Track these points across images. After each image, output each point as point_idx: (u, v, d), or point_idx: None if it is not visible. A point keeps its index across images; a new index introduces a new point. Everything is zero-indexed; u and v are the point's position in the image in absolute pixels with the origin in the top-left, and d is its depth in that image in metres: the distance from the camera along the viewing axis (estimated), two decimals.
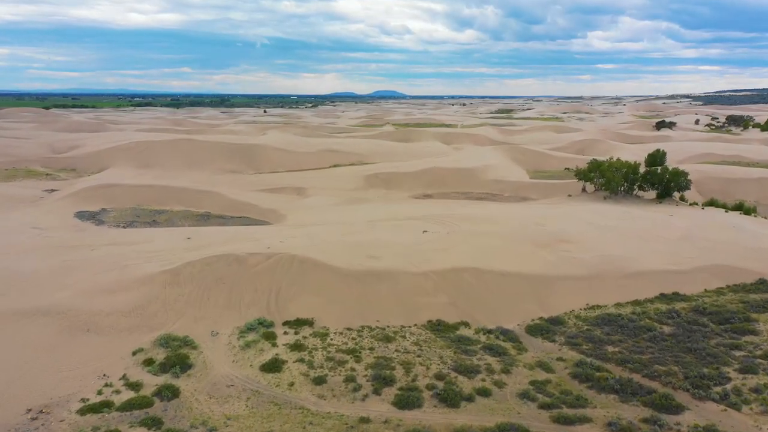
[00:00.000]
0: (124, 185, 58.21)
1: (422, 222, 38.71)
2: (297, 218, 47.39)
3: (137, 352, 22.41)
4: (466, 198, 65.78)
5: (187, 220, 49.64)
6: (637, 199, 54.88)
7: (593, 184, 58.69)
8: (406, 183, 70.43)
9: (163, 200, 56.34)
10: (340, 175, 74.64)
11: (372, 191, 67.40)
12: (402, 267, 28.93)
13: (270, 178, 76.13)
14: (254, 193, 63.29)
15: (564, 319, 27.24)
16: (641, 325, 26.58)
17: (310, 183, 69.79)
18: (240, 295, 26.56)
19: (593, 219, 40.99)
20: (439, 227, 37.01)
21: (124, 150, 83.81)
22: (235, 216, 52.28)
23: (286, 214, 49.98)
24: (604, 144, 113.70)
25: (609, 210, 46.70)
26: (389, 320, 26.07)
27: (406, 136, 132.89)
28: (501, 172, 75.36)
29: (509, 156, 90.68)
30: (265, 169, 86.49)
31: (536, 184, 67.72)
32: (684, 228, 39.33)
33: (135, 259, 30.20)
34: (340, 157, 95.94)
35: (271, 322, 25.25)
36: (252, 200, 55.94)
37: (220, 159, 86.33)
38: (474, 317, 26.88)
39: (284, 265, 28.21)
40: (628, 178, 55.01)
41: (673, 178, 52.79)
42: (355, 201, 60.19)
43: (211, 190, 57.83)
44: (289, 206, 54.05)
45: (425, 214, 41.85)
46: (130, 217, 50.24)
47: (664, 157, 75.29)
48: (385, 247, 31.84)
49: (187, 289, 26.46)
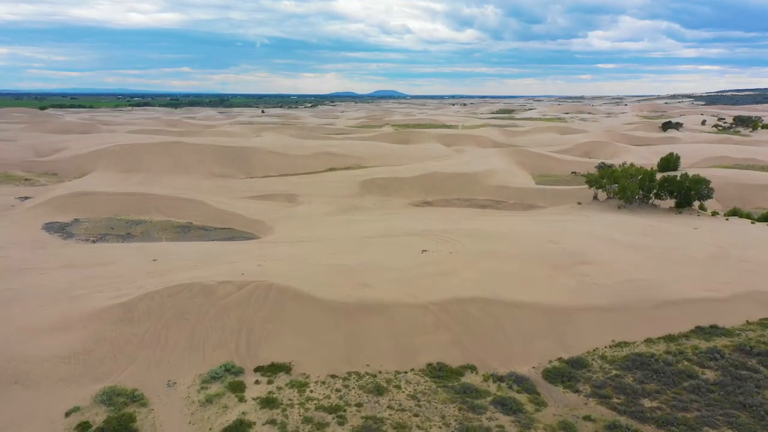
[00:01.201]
0: (101, 193, 54.06)
1: (421, 239, 34.58)
2: (284, 231, 43.27)
3: (72, 413, 18.30)
4: (468, 205, 61.75)
5: (165, 233, 45.50)
6: (653, 208, 50.76)
7: (605, 191, 54.60)
8: (405, 189, 66.39)
9: (142, 209, 52.26)
10: (335, 180, 70.58)
11: (368, 198, 63.34)
12: (398, 297, 24.82)
13: (261, 183, 72.12)
14: (242, 200, 59.23)
15: (587, 361, 23.14)
16: (679, 369, 22.47)
17: (303, 189, 65.74)
18: (205, 334, 22.44)
19: (612, 234, 36.87)
20: (440, 245, 32.89)
21: (109, 153, 79.72)
22: (218, 227, 48.14)
23: (273, 226, 45.86)
24: (611, 146, 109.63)
25: (626, 222, 42.57)
26: (382, 364, 21.97)
27: (406, 138, 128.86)
28: (505, 177, 71.27)
29: (513, 159, 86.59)
30: (257, 173, 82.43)
31: (543, 191, 63.66)
32: (714, 245, 35.21)
33: (87, 287, 26.10)
34: (336, 160, 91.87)
35: (241, 369, 21.16)
36: (238, 209, 51.83)
37: (210, 163, 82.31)
38: (482, 359, 22.79)
39: (259, 296, 24.09)
40: (644, 185, 50.90)
41: (694, 185, 48.66)
42: (349, 209, 56.14)
43: (195, 199, 53.69)
44: (278, 216, 49.95)
45: (425, 229, 37.70)
46: (104, 228, 46.10)
47: (677, 161, 71.33)
48: (378, 272, 27.72)
49: (142, 327, 22.34)
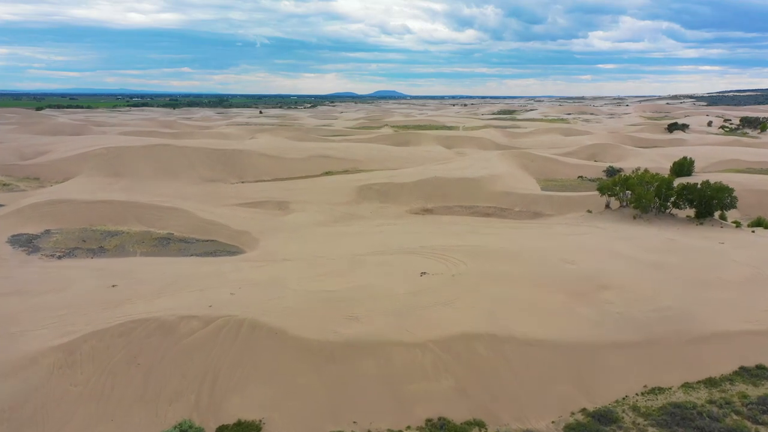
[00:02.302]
0: (77, 201, 50.38)
1: (420, 258, 30.90)
2: (270, 245, 39.56)
3: None
4: (470, 213, 58.11)
5: (141, 246, 41.80)
6: (671, 218, 47.07)
7: (618, 199, 50.92)
8: (404, 195, 62.69)
9: (120, 219, 48.60)
10: (330, 185, 66.93)
11: (364, 205, 59.68)
12: (392, 334, 21.16)
13: (252, 189, 68.46)
14: (230, 208, 55.55)
15: (616, 413, 19.49)
16: (729, 426, 18.80)
17: (296, 195, 62.06)
18: (160, 383, 18.78)
19: (631, 251, 33.17)
20: (440, 266, 29.21)
21: (94, 157, 76.04)
22: (200, 239, 44.45)
23: (259, 238, 42.17)
24: (618, 149, 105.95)
25: (645, 236, 38.88)
26: (372, 420, 18.32)
27: (405, 140, 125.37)
28: (509, 182, 67.56)
29: (517, 162, 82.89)
30: (249, 178, 78.84)
31: (550, 197, 59.96)
32: (748, 264, 31.52)
33: (31, 321, 22.48)
34: (332, 163, 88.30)
35: (200, 430, 17.57)
36: (224, 219, 48.15)
37: (200, 166, 78.69)
38: (491, 411, 19.13)
39: (228, 335, 20.44)
40: (661, 193, 47.23)
41: (716, 194, 44.98)
42: (343, 218, 52.49)
43: (178, 207, 49.99)
44: (266, 226, 46.27)
45: (424, 245, 33.99)
46: (75, 241, 42.41)
47: (691, 166, 67.71)
48: (370, 301, 24.03)
49: (85, 375, 18.71)
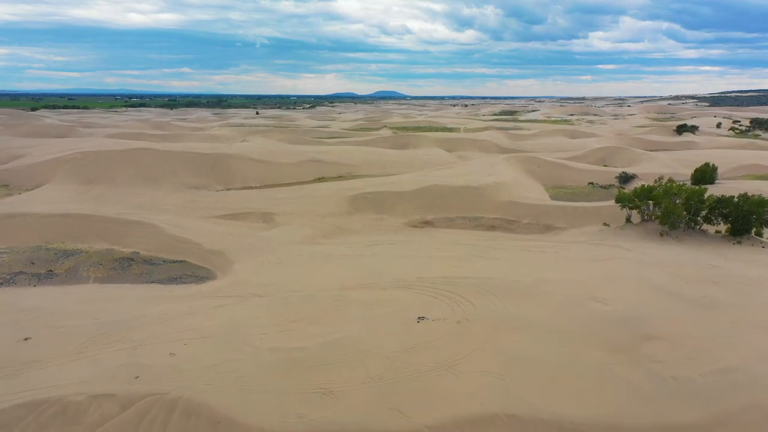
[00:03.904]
0: (33, 215, 44.94)
1: (417, 295, 25.45)
2: (243, 270, 34.10)
3: None
4: (474, 226, 52.66)
5: (97, 270, 36.34)
6: (702, 235, 41.63)
7: (640, 212, 45.54)
8: (401, 205, 57.21)
9: (81, 235, 43.18)
10: (321, 194, 61.47)
11: (357, 217, 54.26)
12: (376, 416, 15.73)
13: (236, 197, 63.02)
14: (208, 221, 50.13)
15: None
16: None
17: (282, 206, 56.64)
18: None
19: (670, 283, 27.71)
20: (442, 306, 23.79)
21: (68, 162, 70.64)
22: (168, 260, 38.97)
23: (233, 261, 36.70)
24: (628, 152, 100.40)
25: (680, 260, 33.43)
26: None
27: (404, 142, 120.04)
28: (516, 191, 62.11)
29: (523, 168, 77.42)
30: (236, 184, 73.45)
31: (562, 209, 54.49)
32: None
33: None
34: (326, 168, 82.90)
35: None
36: (197, 236, 42.70)
37: (183, 172, 73.21)
38: None
39: (153, 423, 15.07)
40: (691, 207, 41.83)
41: (755, 209, 39.58)
42: (333, 233, 47.08)
43: (147, 222, 44.55)
44: (244, 244, 40.81)
45: (422, 276, 28.50)
46: (22, 264, 36.95)
47: (714, 173, 62.20)
48: (350, 365, 18.61)
49: None
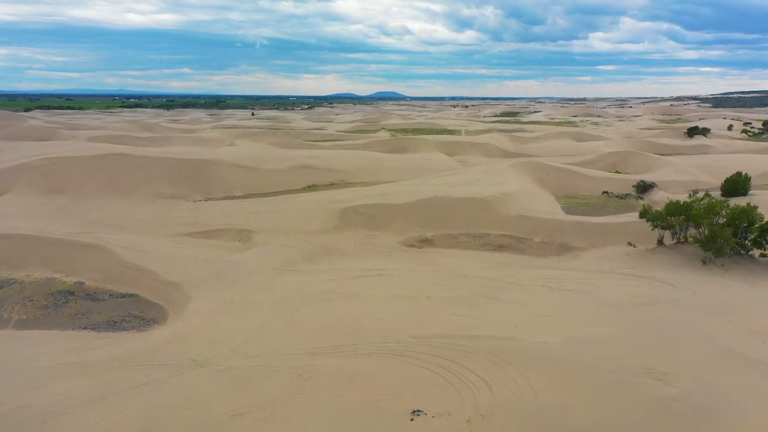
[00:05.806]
0: None
1: (412, 366, 19.04)
2: (198, 312, 27.62)
3: None
4: (480, 245, 46.17)
5: (25, 307, 29.90)
6: (752, 263, 35.19)
7: (673, 232, 39.19)
8: (397, 220, 50.68)
9: (21, 260, 36.76)
10: (308, 206, 54.98)
11: (348, 234, 47.79)
12: None
13: (213, 210, 56.50)
14: (174, 240, 43.68)
15: None
16: None
17: (263, 221, 50.15)
18: None
19: (743, 343, 21.21)
20: (446, 388, 17.35)
21: (31, 169, 64.16)
22: (116, 294, 32.53)
23: (190, 296, 30.23)
24: (641, 157, 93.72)
25: (746, 303, 26.94)
26: None
27: (403, 146, 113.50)
28: (525, 203, 55.61)
29: (531, 175, 70.81)
30: (217, 193, 66.92)
31: (579, 225, 47.95)
32: None
33: None
34: (317, 175, 76.37)
35: None
36: (156, 261, 36.18)
37: (158, 181, 66.63)
38: None
39: None
40: (738, 228, 35.48)
41: None
42: (317, 255, 40.58)
43: (98, 245, 38.08)
44: (209, 273, 34.27)
45: (418, 334, 21.98)
46: None
47: (747, 184, 55.72)
48: None
49: None
